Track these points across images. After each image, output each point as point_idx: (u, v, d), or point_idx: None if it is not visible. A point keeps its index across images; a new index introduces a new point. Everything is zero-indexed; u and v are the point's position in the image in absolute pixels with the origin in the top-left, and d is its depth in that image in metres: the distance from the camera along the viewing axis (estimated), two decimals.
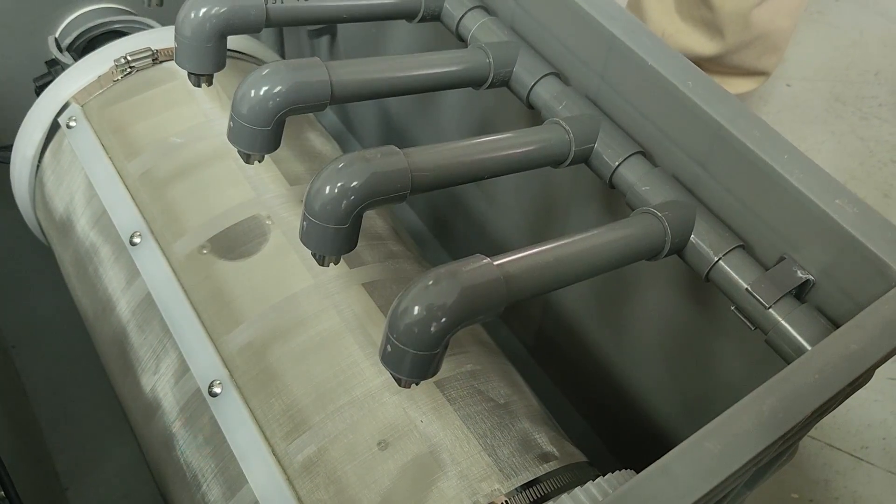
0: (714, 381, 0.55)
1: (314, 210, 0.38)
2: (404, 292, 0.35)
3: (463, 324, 0.35)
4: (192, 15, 0.46)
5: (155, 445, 0.54)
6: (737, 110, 0.44)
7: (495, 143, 0.45)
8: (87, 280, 0.59)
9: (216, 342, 0.52)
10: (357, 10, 0.54)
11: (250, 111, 0.43)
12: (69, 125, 0.62)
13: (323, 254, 0.40)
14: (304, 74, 0.43)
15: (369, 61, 0.48)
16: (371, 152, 0.39)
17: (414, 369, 0.35)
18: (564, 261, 0.40)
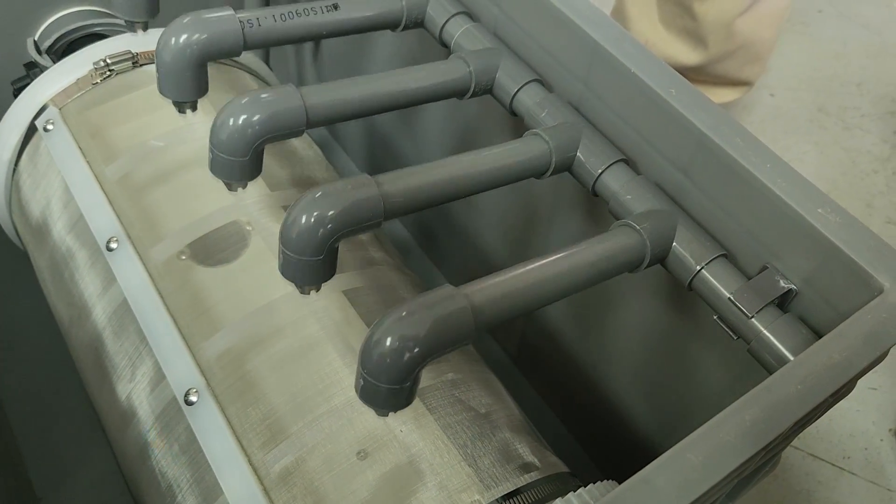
0: (696, 391, 0.55)
1: (289, 243, 0.39)
2: (374, 326, 0.35)
3: (431, 357, 0.35)
4: (171, 43, 0.47)
5: (130, 455, 0.53)
6: (720, 119, 0.44)
7: (472, 161, 0.45)
8: (63, 285, 0.58)
9: (193, 349, 0.51)
10: (338, 25, 0.53)
11: (228, 142, 0.43)
12: (46, 128, 0.61)
13: (301, 284, 0.41)
14: (278, 104, 0.43)
15: (345, 83, 0.48)
16: (342, 184, 0.40)
17: (388, 402, 0.36)
18: (537, 285, 0.40)
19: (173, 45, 0.46)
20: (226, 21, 0.48)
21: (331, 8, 0.52)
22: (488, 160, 0.46)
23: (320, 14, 0.52)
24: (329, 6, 0.52)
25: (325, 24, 0.52)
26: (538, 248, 0.66)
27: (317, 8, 0.52)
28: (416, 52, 0.70)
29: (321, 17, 0.52)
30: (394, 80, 0.49)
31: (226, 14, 0.48)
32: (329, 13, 0.52)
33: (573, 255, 0.42)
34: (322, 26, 0.52)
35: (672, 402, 0.58)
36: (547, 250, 0.64)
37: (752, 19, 0.94)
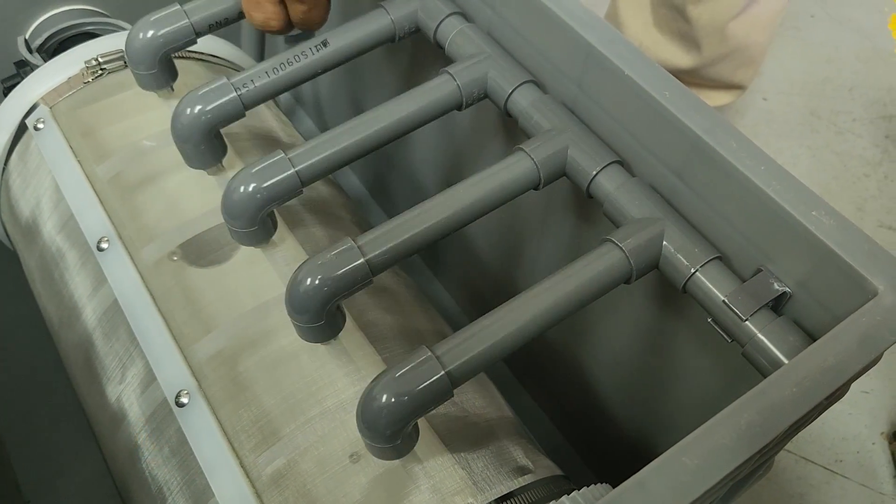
0: (690, 394, 0.55)
1: (295, 311, 0.43)
2: (363, 395, 0.39)
3: (413, 418, 0.39)
4: (178, 125, 0.51)
5: (120, 457, 0.53)
6: (714, 121, 0.44)
7: (457, 197, 0.46)
8: (53, 286, 0.58)
9: (184, 351, 0.50)
10: (333, 60, 0.53)
11: (238, 217, 0.47)
12: (37, 127, 0.60)
13: (316, 343, 0.46)
14: (270, 176, 0.47)
15: (335, 134, 0.49)
16: (329, 255, 0.43)
17: (388, 456, 0.42)
18: (513, 333, 0.41)
19: (181, 125, 0.50)
20: (221, 92, 0.50)
21: (320, 46, 0.53)
22: (475, 193, 0.46)
23: (312, 55, 0.52)
24: (318, 45, 0.53)
25: (319, 64, 0.53)
26: (532, 251, 0.66)
27: (307, 51, 0.52)
28: (411, 56, 0.69)
29: (313, 58, 0.52)
30: (384, 115, 0.50)
31: (220, 84, 0.50)
32: (320, 51, 0.53)
33: (553, 290, 0.42)
34: (317, 66, 0.53)
35: (665, 405, 0.58)
36: (541, 254, 0.64)
37: (746, 23, 0.95)
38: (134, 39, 0.53)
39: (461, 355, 0.40)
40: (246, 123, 0.63)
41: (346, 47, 0.54)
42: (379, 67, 0.76)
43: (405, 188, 0.84)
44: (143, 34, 0.53)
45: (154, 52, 0.54)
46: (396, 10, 0.55)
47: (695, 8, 0.92)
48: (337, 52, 0.53)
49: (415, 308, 0.57)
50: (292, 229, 0.56)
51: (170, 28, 0.53)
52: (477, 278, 0.77)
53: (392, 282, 0.58)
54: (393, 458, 0.42)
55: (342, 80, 0.86)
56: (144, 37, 0.53)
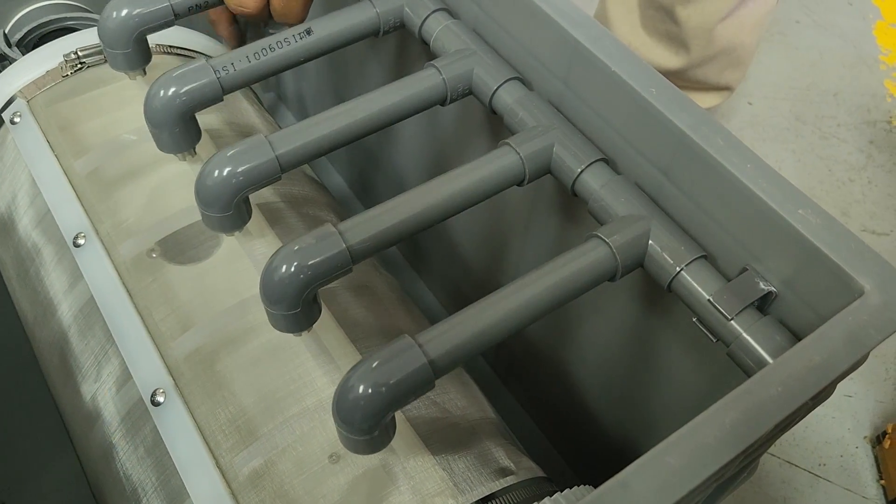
0: (674, 394, 0.54)
1: (269, 298, 0.42)
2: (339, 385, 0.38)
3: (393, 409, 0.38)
4: (153, 106, 0.49)
5: (94, 457, 0.52)
6: (700, 118, 0.43)
7: (442, 188, 0.45)
8: (28, 282, 0.57)
9: (161, 349, 0.49)
10: (315, 49, 0.52)
11: (210, 202, 0.46)
12: (13, 121, 0.59)
13: (289, 333, 0.44)
14: (249, 159, 0.45)
15: (316, 121, 0.48)
16: (308, 240, 0.41)
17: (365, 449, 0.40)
18: (497, 323, 0.40)
19: (156, 105, 0.48)
20: (200, 73, 0.48)
21: (304, 34, 0.52)
22: (459, 184, 0.45)
23: (295, 43, 0.51)
24: (301, 33, 0.52)
25: (302, 52, 0.52)
26: (516, 250, 0.65)
27: (290, 38, 0.51)
28: (396, 50, 0.69)
29: (296, 45, 0.51)
30: (367, 107, 0.49)
31: (198, 65, 0.49)
32: (303, 40, 0.52)
33: (538, 282, 0.42)
34: (299, 54, 0.52)
35: (649, 405, 0.58)
36: (525, 253, 0.64)
37: (734, 24, 0.95)
38: (109, 17, 0.51)
39: (445, 344, 0.38)
40: (229, 120, 0.62)
41: (329, 37, 0.53)
42: (363, 65, 0.75)
43: (389, 187, 0.83)
44: (118, 11, 0.51)
45: (130, 31, 0.52)
46: (382, 4, 0.54)
47: (683, 9, 0.92)
48: (320, 42, 0.53)
49: (398, 308, 0.56)
50: (274, 226, 0.55)
51: (148, 7, 0.52)
52: (460, 278, 0.76)
53: (375, 281, 0.57)
54: (368, 452, 0.40)
55: (326, 77, 0.85)
56: (119, 14, 0.51)
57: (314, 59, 0.53)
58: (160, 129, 0.50)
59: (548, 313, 0.42)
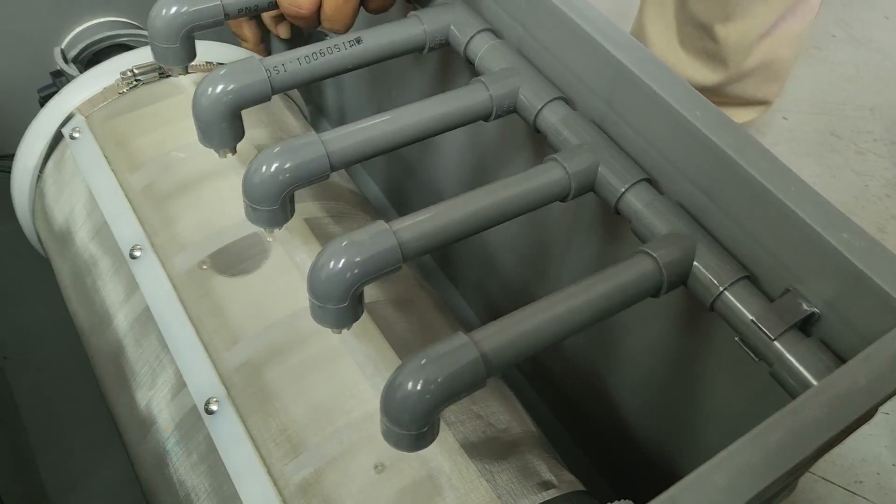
0: (712, 412, 0.55)
1: (315, 293, 0.42)
2: (391, 377, 0.38)
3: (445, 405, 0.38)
4: (202, 101, 0.49)
5: (147, 462, 0.53)
6: (744, 141, 0.44)
7: (489, 196, 0.46)
8: (85, 292, 0.59)
9: (214, 359, 0.51)
10: (363, 58, 0.54)
11: (259, 196, 0.46)
12: (73, 136, 0.61)
13: (331, 328, 0.44)
14: (300, 155, 0.46)
15: (366, 124, 0.49)
16: (360, 235, 0.41)
17: (409, 446, 0.39)
18: (548, 325, 0.41)
19: (205, 101, 0.49)
20: (252, 71, 0.49)
21: (353, 42, 0.53)
22: (506, 193, 0.46)
23: (344, 50, 0.53)
24: (352, 41, 0.53)
25: (349, 60, 0.53)
26: (555, 267, 0.66)
27: (339, 45, 0.53)
28: (437, 67, 0.70)
29: (345, 52, 0.53)
30: (415, 114, 0.50)
31: (251, 63, 0.49)
32: (352, 48, 0.53)
33: (587, 290, 0.42)
34: (347, 62, 0.53)
35: (687, 422, 0.58)
36: (564, 270, 0.65)
37: (773, 40, 0.95)
38: (159, 12, 0.52)
39: (498, 341, 0.39)
40: (276, 136, 0.64)
41: (377, 48, 0.54)
42: (404, 81, 0.77)
43: (425, 200, 0.85)
44: (168, 8, 0.52)
45: (179, 26, 0.53)
46: (429, 21, 0.56)
47: (722, 27, 0.93)
48: (367, 52, 0.54)
49: (440, 321, 0.58)
50: (320, 240, 0.57)
51: (199, 5, 0.52)
52: (497, 291, 0.78)
53: (418, 294, 0.59)
54: (413, 449, 0.39)
55: (366, 91, 0.87)
56: (169, 11, 0.52)
57: (359, 69, 0.55)
58: (207, 123, 0.50)
59: (594, 323, 0.42)
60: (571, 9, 0.51)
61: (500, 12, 0.56)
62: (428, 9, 0.57)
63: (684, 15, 0.98)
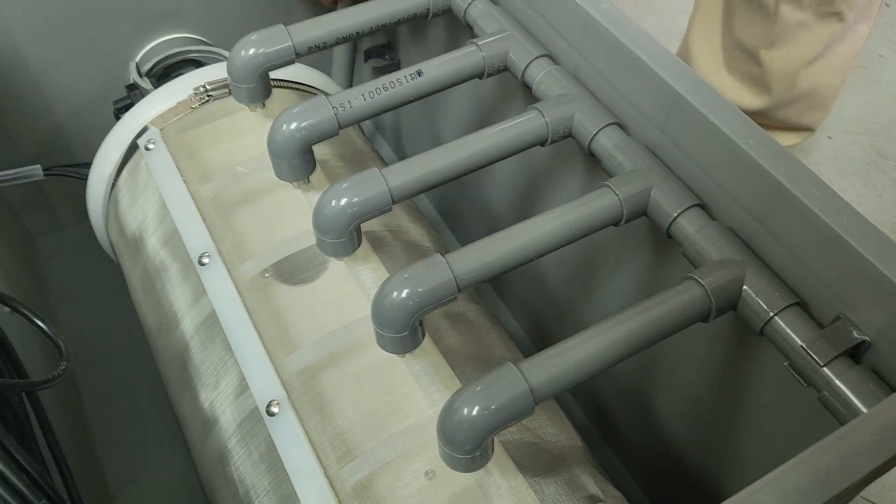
0: (757, 435, 0.56)
1: (379, 321, 0.46)
2: (448, 401, 0.42)
3: (496, 430, 0.41)
4: (276, 138, 0.54)
5: (209, 459, 0.56)
6: (797, 169, 0.45)
7: (542, 226, 0.48)
8: (154, 296, 0.62)
9: (275, 363, 0.53)
10: (424, 89, 0.57)
11: (327, 229, 0.51)
12: (148, 147, 0.65)
13: (395, 353, 0.48)
14: (364, 190, 0.50)
15: (425, 158, 0.52)
16: (418, 269, 0.45)
17: (463, 467, 0.43)
18: (596, 357, 0.43)
19: (279, 138, 0.54)
20: (321, 110, 0.53)
21: (414, 75, 0.56)
22: (559, 222, 0.49)
23: (406, 83, 0.56)
24: (413, 74, 0.56)
25: (411, 92, 0.56)
26: (603, 286, 0.67)
27: (401, 79, 0.55)
28: (492, 91, 0.72)
29: (407, 85, 0.56)
30: (472, 146, 0.53)
31: (319, 102, 0.53)
32: (414, 80, 0.56)
33: (635, 318, 0.44)
34: (409, 94, 0.56)
35: (730, 443, 0.59)
36: (612, 289, 0.66)
37: (819, 68, 0.95)
38: (237, 54, 0.57)
39: (545, 373, 0.41)
40: (337, 151, 0.67)
41: (437, 78, 0.57)
42: (458, 100, 0.79)
43: (477, 216, 0.87)
44: (246, 50, 0.57)
45: (255, 67, 0.57)
46: (488, 49, 0.58)
47: (768, 53, 0.93)
48: (429, 83, 0.57)
49: (491, 334, 0.59)
50: (378, 252, 0.59)
51: (272, 47, 0.57)
52: (544, 308, 0.79)
53: (470, 308, 0.60)
54: (468, 470, 0.43)
55: (422, 109, 0.89)
56: (247, 53, 0.57)
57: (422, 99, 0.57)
58: (280, 159, 0.55)
59: (642, 350, 0.44)
60: (627, 37, 0.53)
61: (557, 39, 0.58)
62: (486, 37, 0.59)
63: (730, 39, 0.98)
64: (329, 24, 0.58)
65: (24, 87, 0.78)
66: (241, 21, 0.82)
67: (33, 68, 0.77)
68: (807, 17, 0.90)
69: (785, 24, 0.91)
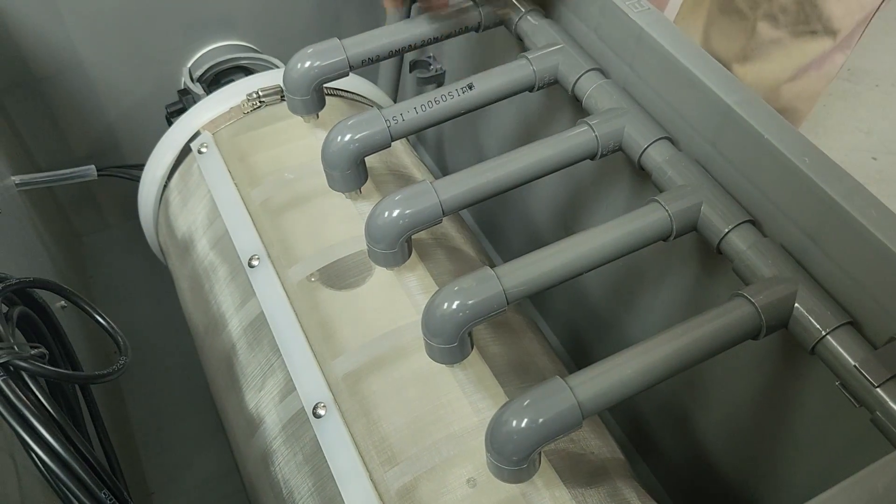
0: (803, 455, 0.55)
1: (429, 331, 0.47)
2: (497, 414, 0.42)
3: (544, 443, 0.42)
4: (330, 150, 0.55)
5: (253, 459, 0.57)
6: (853, 188, 0.45)
7: (590, 241, 0.49)
8: (202, 296, 0.63)
9: (322, 366, 0.54)
10: (475, 102, 0.57)
11: (379, 239, 0.52)
12: (200, 150, 0.66)
13: (443, 363, 0.49)
14: (416, 203, 0.51)
15: (476, 171, 0.53)
16: (468, 281, 0.46)
17: (510, 478, 0.43)
18: (646, 372, 0.43)
19: (333, 149, 0.55)
20: (374, 122, 0.54)
21: (466, 88, 0.57)
22: (608, 237, 0.49)
23: (457, 96, 0.56)
24: (465, 87, 0.57)
25: (462, 105, 0.57)
26: (647, 301, 0.67)
27: (453, 92, 0.56)
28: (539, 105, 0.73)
29: (458, 98, 0.57)
30: (522, 159, 0.53)
31: (373, 115, 0.54)
32: (465, 93, 0.57)
33: (683, 335, 0.44)
34: (461, 107, 0.57)
35: (774, 462, 0.59)
36: (655, 305, 0.66)
37: (791, 90, 0.92)
38: (293, 67, 0.58)
39: (594, 389, 0.42)
40: (385, 160, 0.67)
41: (488, 91, 0.58)
42: (502, 113, 0.80)
43: (518, 229, 0.87)
44: (302, 63, 0.58)
45: (311, 80, 0.59)
46: (539, 62, 0.59)
47: (741, 66, 0.92)
48: (480, 96, 0.57)
49: (534, 344, 0.60)
50: (424, 261, 0.59)
51: (327, 60, 0.58)
52: (584, 323, 0.79)
53: (513, 317, 0.61)
54: (514, 482, 0.44)
55: (465, 121, 0.90)
56: (303, 66, 0.58)
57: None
58: (334, 170, 0.56)
59: (690, 367, 0.44)
60: (681, 51, 0.53)
61: (608, 52, 0.59)
62: (537, 51, 0.60)
63: (707, 48, 0.97)
64: (382, 38, 0.59)
65: (78, 90, 0.80)
66: (290, 29, 0.83)
67: (88, 70, 0.79)
68: (782, 34, 0.88)
69: (760, 40, 0.89)
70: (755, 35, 0.89)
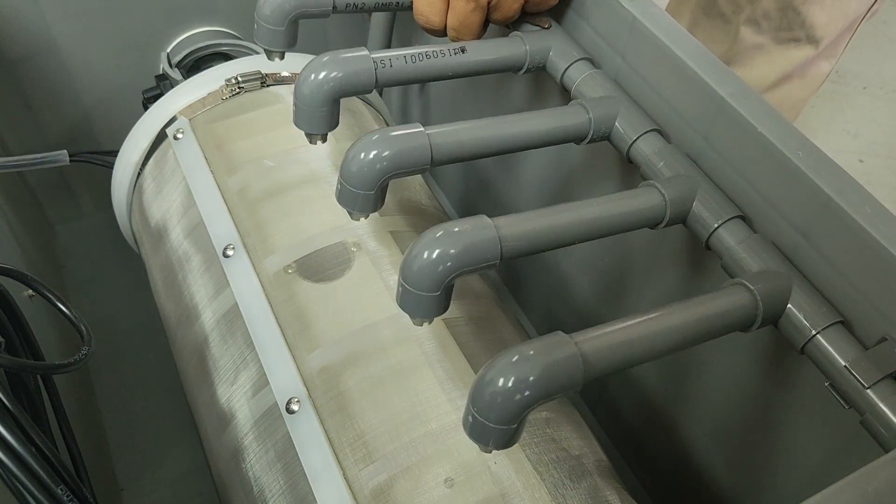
0: (789, 458, 0.54)
1: (408, 278, 0.41)
2: (486, 366, 0.37)
3: (540, 402, 0.36)
4: (309, 80, 0.50)
5: (223, 456, 0.55)
6: (848, 184, 0.44)
7: (588, 209, 0.46)
8: (175, 287, 0.61)
9: (297, 360, 0.52)
10: (464, 68, 0.55)
11: (356, 177, 0.46)
12: (176, 136, 0.64)
13: (416, 317, 0.43)
14: (405, 141, 0.45)
15: (468, 126, 0.49)
16: (463, 224, 0.41)
17: (495, 441, 0.37)
18: (647, 339, 0.40)
19: (311, 80, 0.49)
20: (361, 61, 0.50)
21: (458, 51, 0.55)
22: (606, 208, 0.46)
23: (448, 56, 0.54)
24: (457, 49, 0.54)
25: (452, 67, 0.54)
26: (632, 299, 0.66)
27: (445, 51, 0.54)
28: (530, 91, 0.71)
29: (449, 59, 0.54)
30: (515, 124, 0.51)
31: (361, 54, 0.51)
32: (456, 56, 0.54)
33: (684, 311, 0.42)
34: (449, 69, 0.54)
35: (760, 464, 0.57)
36: (641, 303, 0.65)
37: (772, 98, 0.91)
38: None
39: (599, 344, 0.38)
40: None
41: (479, 60, 0.55)
42: (492, 98, 0.78)
43: None
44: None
45: (288, 10, 0.54)
46: (532, 42, 0.57)
47: None
48: (470, 62, 0.55)
49: (516, 340, 0.58)
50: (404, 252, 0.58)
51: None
52: (568, 320, 0.78)
53: (496, 313, 0.59)
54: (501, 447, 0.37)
55: (451, 108, 0.88)
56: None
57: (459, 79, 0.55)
58: (307, 105, 0.50)
59: (686, 347, 0.41)
60: (675, 42, 0.51)
61: (601, 42, 0.57)
62: (531, 32, 0.58)
63: None
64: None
65: (52, 73, 0.78)
66: None
67: (63, 53, 0.77)
68: (765, 40, 0.87)
69: (743, 45, 0.88)
70: (738, 40, 0.88)
